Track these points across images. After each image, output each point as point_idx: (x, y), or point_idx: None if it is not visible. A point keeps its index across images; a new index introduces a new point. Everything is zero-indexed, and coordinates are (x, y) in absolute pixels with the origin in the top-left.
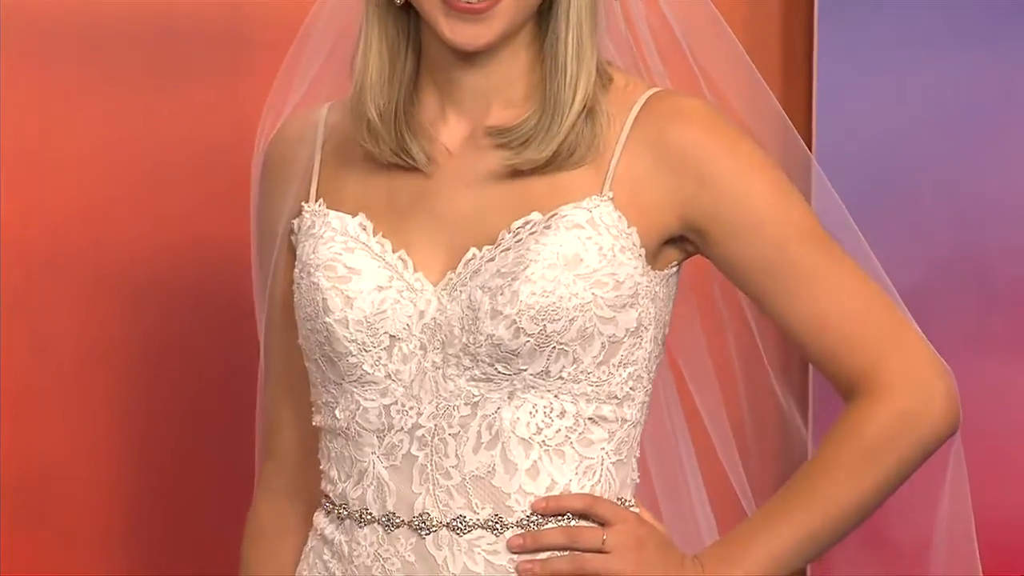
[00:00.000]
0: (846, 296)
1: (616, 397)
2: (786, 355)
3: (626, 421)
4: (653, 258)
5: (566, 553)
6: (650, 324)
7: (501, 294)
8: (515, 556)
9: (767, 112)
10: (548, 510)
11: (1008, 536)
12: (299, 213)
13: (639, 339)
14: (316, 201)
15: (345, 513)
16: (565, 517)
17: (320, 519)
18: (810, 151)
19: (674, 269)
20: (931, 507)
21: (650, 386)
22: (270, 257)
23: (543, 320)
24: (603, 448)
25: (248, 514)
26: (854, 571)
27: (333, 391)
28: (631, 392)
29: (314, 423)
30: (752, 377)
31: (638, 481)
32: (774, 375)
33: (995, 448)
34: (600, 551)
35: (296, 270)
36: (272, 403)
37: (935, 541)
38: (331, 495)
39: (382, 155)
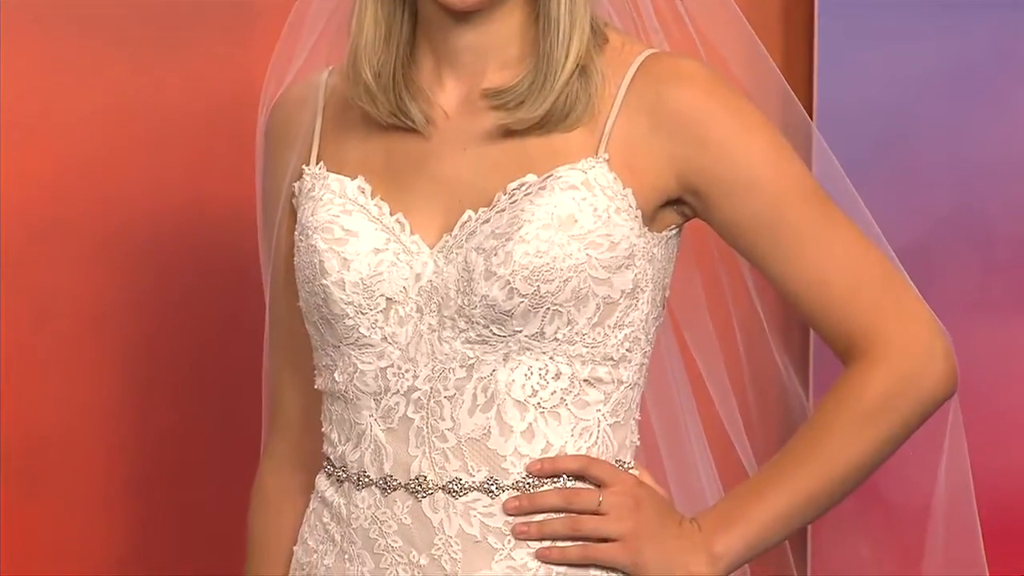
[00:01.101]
0: (845, 258)
1: (612, 359)
2: (786, 318)
3: (622, 383)
4: (650, 220)
5: (562, 515)
6: (647, 285)
7: (495, 255)
8: (511, 518)
9: (767, 79)
10: (543, 472)
11: (1008, 497)
12: (300, 176)
13: (635, 300)
14: (317, 164)
15: (344, 476)
16: (561, 479)
17: (321, 481)
18: (811, 112)
19: (673, 231)
20: (930, 469)
21: (649, 348)
22: (274, 221)
23: (537, 280)
24: (599, 410)
25: (254, 482)
26: (854, 533)
27: (331, 354)
28: (627, 354)
29: (316, 386)
30: (752, 341)
31: (638, 444)
32: (773, 339)
33: (995, 407)
34: (596, 513)
35: (296, 233)
36: (276, 367)
37: (934, 503)
38: (332, 458)
39: (380, 116)
